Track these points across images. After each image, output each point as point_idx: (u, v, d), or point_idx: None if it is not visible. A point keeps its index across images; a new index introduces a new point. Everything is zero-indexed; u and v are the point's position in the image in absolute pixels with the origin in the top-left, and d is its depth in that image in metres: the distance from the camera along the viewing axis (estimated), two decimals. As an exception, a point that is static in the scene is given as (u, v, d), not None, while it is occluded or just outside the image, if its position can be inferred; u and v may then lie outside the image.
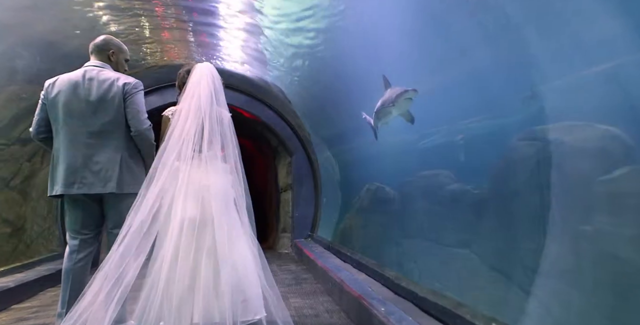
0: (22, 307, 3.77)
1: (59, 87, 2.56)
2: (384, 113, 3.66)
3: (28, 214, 4.85)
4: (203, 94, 2.48)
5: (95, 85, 2.53)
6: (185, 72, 2.66)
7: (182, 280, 2.23)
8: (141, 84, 2.64)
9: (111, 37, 2.75)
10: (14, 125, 4.27)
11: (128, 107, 2.53)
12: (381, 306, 2.71)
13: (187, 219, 2.28)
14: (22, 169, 4.62)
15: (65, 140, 2.54)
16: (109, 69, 2.64)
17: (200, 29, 4.84)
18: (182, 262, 2.25)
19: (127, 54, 2.79)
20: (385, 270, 3.41)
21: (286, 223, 6.98)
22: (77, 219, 2.61)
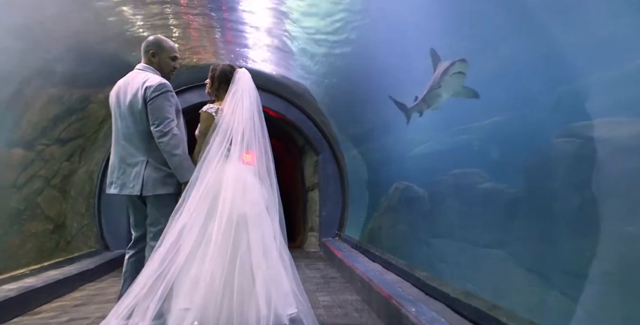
0: (64, 301, 3.95)
1: (114, 90, 2.68)
2: (431, 97, 3.11)
3: (68, 212, 5.05)
4: (247, 102, 2.59)
5: (129, 89, 2.59)
6: (228, 72, 2.72)
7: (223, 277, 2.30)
8: (164, 86, 2.53)
9: (155, 37, 2.72)
10: (54, 126, 4.45)
11: (149, 112, 2.50)
12: (412, 307, 2.68)
13: (237, 214, 2.39)
14: (62, 168, 4.82)
15: (113, 141, 2.67)
16: (147, 71, 2.65)
17: (227, 29, 4.90)
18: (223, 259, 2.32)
19: (171, 51, 2.71)
20: (415, 270, 3.36)
21: (313, 222, 7.00)
22: (131, 216, 2.73)
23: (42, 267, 4.32)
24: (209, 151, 2.50)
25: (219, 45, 5.43)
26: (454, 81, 2.70)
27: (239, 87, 2.65)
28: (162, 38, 2.73)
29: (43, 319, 3.33)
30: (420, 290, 3.10)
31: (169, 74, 2.73)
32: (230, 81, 2.71)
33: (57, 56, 4.01)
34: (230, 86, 2.68)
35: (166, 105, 2.50)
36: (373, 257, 4.51)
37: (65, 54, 4.06)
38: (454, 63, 2.65)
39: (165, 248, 2.30)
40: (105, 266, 5.04)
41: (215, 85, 2.76)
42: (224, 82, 2.73)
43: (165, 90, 2.52)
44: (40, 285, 3.77)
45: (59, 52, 3.99)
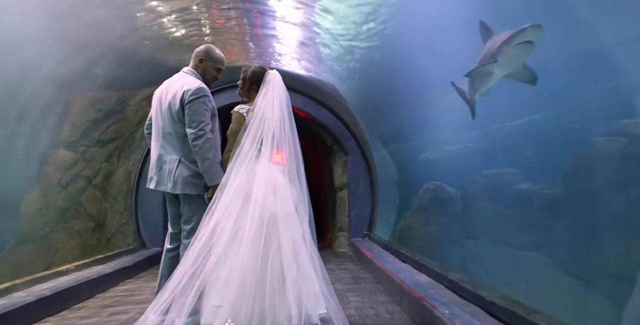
0: (105, 296, 4.11)
1: (158, 89, 2.79)
2: (481, 76, 2.59)
3: (108, 210, 5.27)
4: (277, 104, 2.63)
5: (170, 90, 2.68)
6: (259, 73, 2.76)
7: (255, 276, 2.34)
8: (202, 90, 2.61)
9: (207, 46, 2.85)
10: (94, 128, 4.66)
11: (186, 115, 2.58)
12: (445, 309, 2.64)
13: (268, 214, 2.43)
14: (102, 168, 5.03)
15: (153, 138, 2.78)
16: (190, 75, 2.74)
17: (257, 30, 4.97)
18: (255, 258, 2.37)
19: (218, 62, 2.82)
20: (448, 272, 3.31)
21: (343, 222, 7.00)
22: (169, 213, 2.82)
23: (85, 263, 4.52)
24: (240, 152, 2.56)
25: (249, 48, 5.52)
26: (519, 53, 2.13)
27: (270, 88, 2.69)
28: (213, 48, 2.84)
29: (86, 314, 3.48)
30: (454, 292, 3.05)
31: (209, 82, 2.82)
32: (261, 82, 2.75)
33: (97, 60, 4.19)
34: (260, 87, 2.72)
35: (202, 109, 2.58)
36: (404, 258, 4.47)
37: (104, 57, 4.24)
38: (524, 29, 2.04)
39: (198, 246, 2.36)
40: (142, 263, 5.22)
41: (247, 87, 2.81)
42: (255, 83, 2.77)
43: (202, 95, 2.60)
44: (83, 280, 3.95)
45: (98, 56, 4.17)
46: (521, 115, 2.67)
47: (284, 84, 2.78)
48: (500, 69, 2.37)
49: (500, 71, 2.39)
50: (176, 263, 2.67)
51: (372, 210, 6.46)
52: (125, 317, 3.32)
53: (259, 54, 5.71)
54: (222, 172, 2.58)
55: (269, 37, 5.10)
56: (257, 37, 5.16)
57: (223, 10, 4.39)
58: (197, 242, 2.38)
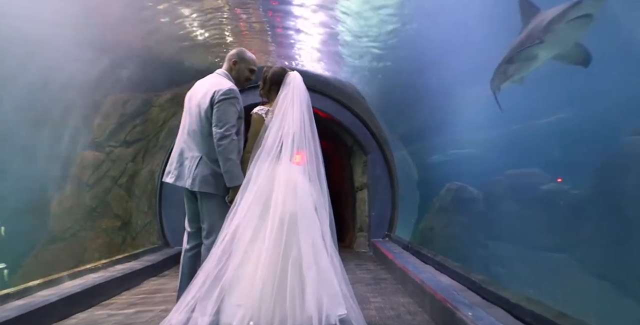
0: (131, 293, 4.22)
1: (191, 89, 2.86)
2: (518, 62, 2.32)
3: (133, 210, 5.40)
4: (297, 106, 2.65)
5: (202, 89, 2.75)
6: (279, 75, 2.79)
7: (275, 276, 2.37)
8: (232, 92, 2.66)
9: (239, 49, 2.93)
10: (120, 129, 4.78)
11: (214, 114, 2.63)
12: (468, 310, 2.61)
13: (288, 214, 2.46)
14: (127, 168, 5.16)
15: (178, 134, 2.85)
16: (223, 77, 2.80)
17: (278, 31, 5.01)
18: (276, 259, 2.40)
19: (250, 63, 2.88)
20: (470, 273, 3.27)
21: (363, 222, 6.98)
22: (187, 211, 2.86)
23: (112, 261, 4.65)
24: (261, 153, 2.58)
25: (270, 49, 5.57)
26: (573, 30, 1.81)
27: (290, 90, 2.70)
28: (245, 50, 2.92)
29: (113, 311, 3.58)
30: (476, 293, 3.01)
31: (243, 83, 2.88)
32: (281, 83, 2.76)
33: (123, 63, 4.30)
34: (281, 89, 2.73)
35: (231, 110, 2.63)
36: (425, 259, 4.43)
37: (130, 61, 4.35)
38: (580, 1, 1.74)
39: (221, 247, 2.40)
40: (166, 261, 5.33)
41: (267, 87, 2.83)
42: (274, 84, 2.79)
43: (233, 96, 2.65)
44: (110, 278, 4.07)
45: (124, 59, 4.28)
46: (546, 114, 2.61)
47: (304, 85, 2.80)
48: (548, 50, 2.04)
49: (546, 53, 2.07)
50: (195, 262, 2.72)
51: (393, 211, 6.42)
52: (150, 315, 3.40)
53: (280, 55, 5.76)
54: (243, 173, 2.61)
55: (289, 37, 5.13)
56: (278, 37, 5.20)
57: (246, 12, 4.44)
58: (220, 243, 2.42)
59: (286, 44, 5.42)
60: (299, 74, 2.80)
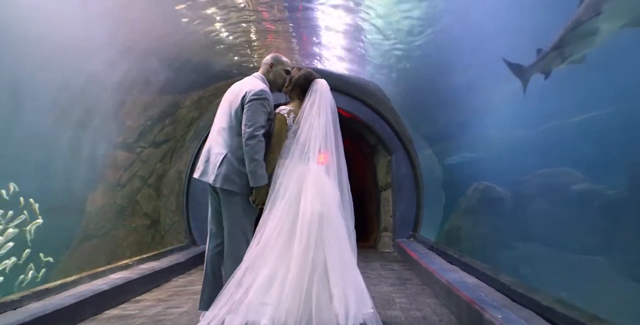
0: (160, 290, 4.34)
1: (229, 89, 2.94)
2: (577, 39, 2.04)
3: (161, 209, 5.54)
4: (324, 117, 2.72)
5: (236, 90, 2.83)
6: (306, 79, 2.83)
7: (300, 276, 2.41)
8: (263, 93, 2.71)
9: (274, 53, 3.02)
10: (149, 130, 4.91)
11: (244, 114, 2.69)
12: (497, 313, 2.56)
13: (316, 215, 2.52)
14: (156, 168, 5.30)
15: (210, 132, 2.93)
16: (257, 79, 2.87)
17: (302, 31, 5.04)
18: (303, 259, 2.45)
19: (286, 65, 2.97)
20: (499, 274, 3.21)
21: (387, 222, 6.95)
22: (210, 209, 2.92)
23: (141, 259, 4.78)
24: (290, 161, 2.68)
25: (294, 49, 5.60)
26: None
27: (317, 98, 2.76)
28: (279, 54, 3.02)
29: (143, 307, 3.68)
30: (505, 295, 2.95)
31: (279, 86, 2.94)
32: (305, 88, 2.82)
33: (151, 66, 4.42)
34: (307, 96, 2.79)
35: (261, 111, 2.68)
36: (451, 260, 4.38)
37: (158, 63, 4.47)
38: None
39: (257, 249, 2.50)
40: (193, 260, 5.45)
41: (291, 87, 2.89)
42: (299, 87, 2.85)
43: (264, 97, 2.71)
44: (141, 275, 4.19)
45: (153, 62, 4.40)
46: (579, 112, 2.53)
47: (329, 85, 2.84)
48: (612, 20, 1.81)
49: (611, 24, 1.82)
50: (219, 261, 2.79)
51: (417, 211, 6.36)
52: (179, 311, 3.48)
53: (304, 55, 5.78)
54: (267, 175, 2.67)
55: (313, 37, 5.16)
56: (302, 37, 5.23)
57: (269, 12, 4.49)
58: (255, 246, 2.52)
59: (310, 44, 5.44)
60: (326, 82, 2.86)
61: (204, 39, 4.64)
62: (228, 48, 5.00)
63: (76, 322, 3.12)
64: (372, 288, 4.09)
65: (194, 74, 5.11)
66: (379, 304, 3.51)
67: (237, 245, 2.67)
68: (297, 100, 2.86)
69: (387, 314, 3.24)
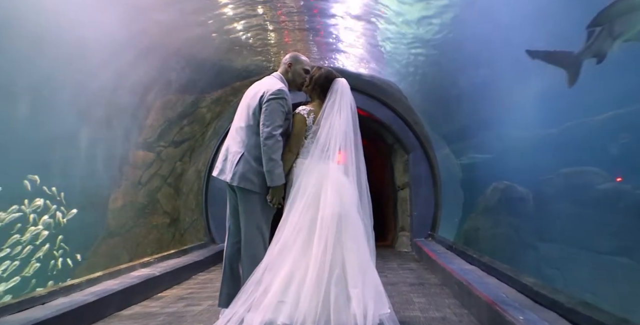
0: (180, 288, 4.40)
1: (248, 89, 2.96)
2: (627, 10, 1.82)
3: (181, 207, 5.63)
4: (344, 117, 2.72)
5: (255, 89, 2.85)
6: (326, 78, 2.83)
7: (319, 276, 2.43)
8: (281, 92, 2.72)
9: (293, 52, 3.02)
10: (169, 130, 4.99)
11: (262, 113, 2.71)
12: (519, 314, 2.53)
13: (335, 216, 2.54)
14: (176, 167, 5.38)
15: (230, 131, 2.96)
16: (276, 79, 2.88)
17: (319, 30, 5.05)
18: (321, 259, 2.46)
19: (305, 64, 2.95)
20: (520, 275, 3.16)
21: (404, 222, 6.91)
22: (228, 207, 2.95)
23: (162, 257, 4.86)
24: (311, 161, 2.69)
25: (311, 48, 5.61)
26: None
27: (337, 98, 2.77)
28: (299, 53, 3.01)
29: (164, 304, 3.75)
30: (527, 297, 2.90)
31: (299, 85, 2.94)
32: (325, 87, 2.82)
33: (172, 66, 4.50)
34: (327, 96, 2.80)
35: (279, 110, 2.69)
36: (470, 260, 4.33)
37: (178, 63, 4.54)
38: None
39: (278, 247, 2.52)
40: (213, 258, 5.51)
41: (311, 86, 2.89)
42: (319, 86, 2.85)
43: (281, 97, 2.72)
44: (162, 272, 4.26)
45: (173, 62, 4.47)
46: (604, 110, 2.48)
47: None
48: None
49: None
50: (237, 258, 2.81)
51: (435, 210, 6.31)
52: (199, 309, 3.53)
53: (321, 54, 5.79)
54: (284, 174, 2.69)
55: (330, 36, 5.16)
56: (319, 36, 5.24)
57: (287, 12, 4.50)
58: (274, 246, 2.54)
59: (327, 43, 5.45)
60: (346, 82, 2.85)
61: (223, 39, 4.69)
62: (246, 48, 5.05)
63: (101, 317, 3.19)
64: (390, 288, 4.06)
65: (212, 73, 5.17)
66: (397, 303, 3.49)
67: (253, 243, 2.71)
68: (318, 99, 2.86)
69: (406, 314, 3.22)
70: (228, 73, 5.42)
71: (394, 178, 7.27)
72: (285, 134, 2.76)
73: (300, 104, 2.92)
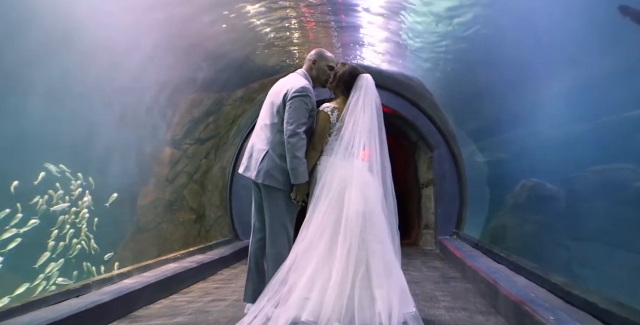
0: (206, 283, 4.48)
1: (273, 86, 2.98)
2: None
3: (206, 204, 5.73)
4: (369, 113, 2.71)
5: (278, 87, 2.87)
6: (351, 74, 2.82)
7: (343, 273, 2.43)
8: (305, 90, 2.72)
9: (318, 49, 3.01)
10: (195, 128, 5.08)
11: (286, 111, 2.72)
12: (550, 314, 2.47)
13: (360, 216, 2.53)
14: (201, 164, 5.48)
15: (254, 131, 2.98)
16: (300, 76, 2.89)
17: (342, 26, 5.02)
18: (347, 255, 2.47)
19: (330, 60, 2.94)
20: (550, 275, 3.09)
21: (428, 219, 6.83)
22: (253, 204, 2.98)
23: (188, 252, 4.96)
24: (335, 158, 2.68)
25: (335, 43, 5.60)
26: None
27: (362, 94, 2.74)
28: (323, 49, 3.00)
29: (192, 298, 3.82)
30: (558, 296, 2.83)
31: (323, 81, 2.94)
32: (350, 83, 2.81)
33: (198, 64, 4.57)
34: (352, 92, 2.78)
35: (302, 107, 2.70)
36: (497, 258, 4.25)
37: (204, 62, 4.60)
38: None
39: (303, 244, 2.53)
40: (237, 253, 5.59)
41: (335, 83, 2.88)
42: (343, 82, 2.83)
43: (305, 94, 2.72)
44: (188, 267, 4.34)
45: (199, 60, 4.54)
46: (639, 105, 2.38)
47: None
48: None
49: None
50: (262, 255, 2.84)
51: (461, 208, 6.22)
52: (224, 304, 3.58)
53: (345, 50, 5.77)
54: (307, 172, 2.70)
55: (353, 32, 5.13)
56: (342, 33, 5.21)
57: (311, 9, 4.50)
58: (299, 244, 2.56)
59: (351, 40, 5.42)
60: (371, 77, 2.82)
61: (247, 37, 4.73)
62: (270, 45, 5.08)
63: (132, 310, 3.29)
64: (414, 286, 4.03)
65: (236, 71, 5.23)
66: (422, 302, 3.47)
67: (278, 239, 2.73)
68: (342, 96, 2.85)
69: (431, 312, 3.19)
70: (252, 71, 5.48)
71: (418, 175, 7.20)
72: (309, 132, 2.77)
73: (325, 100, 2.92)
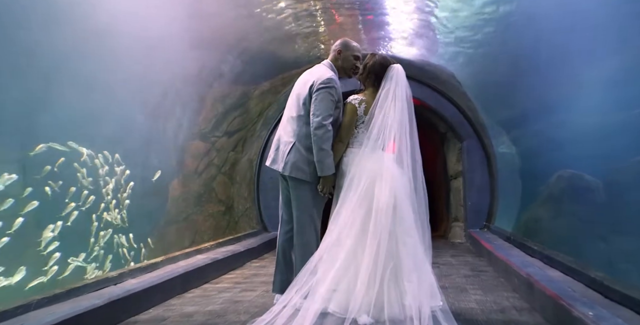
0: (236, 273, 4.57)
1: (299, 78, 2.97)
2: None
3: (234, 196, 5.82)
4: (399, 105, 2.66)
5: (304, 78, 2.86)
6: (381, 65, 2.77)
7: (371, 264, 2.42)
8: (331, 81, 2.70)
9: (344, 38, 2.97)
10: (222, 120, 5.14)
11: (312, 103, 2.70)
12: (588, 310, 2.38)
13: (390, 209, 2.52)
14: (229, 157, 5.56)
15: (280, 122, 2.98)
16: (326, 67, 2.86)
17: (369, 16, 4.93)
18: (375, 250, 2.45)
19: (355, 50, 2.90)
20: (588, 269, 2.98)
21: (458, 212, 6.71)
22: (280, 196, 2.99)
23: (218, 243, 5.05)
24: (362, 154, 2.66)
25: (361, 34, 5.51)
26: None
27: (393, 85, 2.69)
28: (349, 40, 2.96)
29: (222, 288, 3.90)
30: (597, 292, 2.73)
31: (349, 71, 2.90)
32: (380, 74, 2.75)
33: (224, 58, 4.60)
34: (383, 83, 2.72)
35: (328, 99, 2.68)
36: (531, 252, 4.13)
37: (230, 55, 4.63)
38: None
39: (333, 237, 2.52)
40: (265, 245, 5.66)
41: (365, 74, 2.83)
42: (373, 74, 2.78)
43: (331, 86, 2.70)
44: (218, 258, 4.43)
45: (225, 54, 4.57)
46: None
47: None
48: None
49: None
50: (290, 247, 2.85)
51: (491, 200, 6.08)
52: (254, 294, 3.64)
53: (371, 40, 5.68)
54: (334, 164, 2.68)
55: (381, 22, 5.04)
56: (369, 22, 5.12)
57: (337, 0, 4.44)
58: (328, 237, 2.55)
59: (377, 29, 5.32)
60: (401, 68, 2.76)
61: (272, 29, 4.72)
62: (296, 37, 5.05)
63: (167, 298, 3.39)
64: (444, 279, 3.98)
65: (263, 64, 5.23)
66: (451, 295, 3.42)
67: (305, 232, 2.74)
68: (371, 88, 2.80)
69: (462, 306, 3.14)
70: (278, 63, 5.47)
71: (447, 167, 7.07)
72: (335, 124, 2.74)
73: (352, 92, 2.89)
